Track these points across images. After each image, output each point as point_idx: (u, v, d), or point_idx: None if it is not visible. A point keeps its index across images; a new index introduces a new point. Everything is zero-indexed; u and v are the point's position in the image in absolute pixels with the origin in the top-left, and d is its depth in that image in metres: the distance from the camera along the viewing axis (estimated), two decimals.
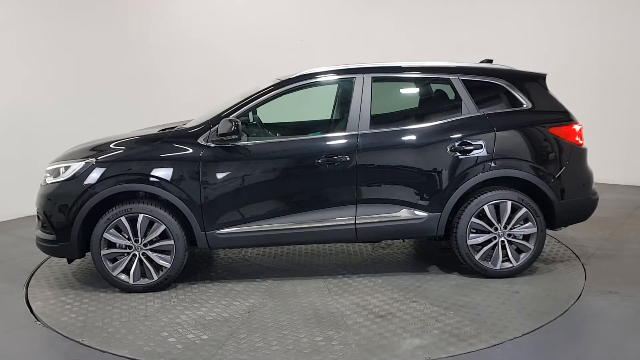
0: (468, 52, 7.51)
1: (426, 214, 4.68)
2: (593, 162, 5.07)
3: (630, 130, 8.34)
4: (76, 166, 4.58)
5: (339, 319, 4.10)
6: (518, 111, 4.80)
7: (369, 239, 4.88)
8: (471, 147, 4.64)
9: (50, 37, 7.34)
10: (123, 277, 4.61)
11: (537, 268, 4.96)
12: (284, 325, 4.02)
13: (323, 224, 4.64)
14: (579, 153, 4.81)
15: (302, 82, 4.77)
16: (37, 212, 4.77)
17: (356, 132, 4.64)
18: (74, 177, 4.56)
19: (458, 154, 4.65)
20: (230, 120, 4.46)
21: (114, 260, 4.61)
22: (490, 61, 5.24)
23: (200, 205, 4.56)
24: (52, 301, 4.55)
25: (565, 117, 4.83)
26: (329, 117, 5.67)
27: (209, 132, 4.61)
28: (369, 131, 4.65)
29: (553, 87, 4.99)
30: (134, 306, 4.41)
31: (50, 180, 4.68)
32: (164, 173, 4.55)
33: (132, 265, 4.60)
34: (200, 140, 4.60)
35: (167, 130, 4.85)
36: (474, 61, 5.20)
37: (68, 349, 3.78)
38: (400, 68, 4.89)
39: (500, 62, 5.22)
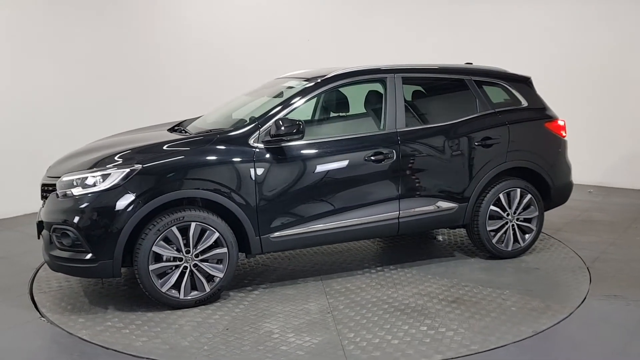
0: (469, 53, 7.88)
1: (456, 205, 5.05)
2: (598, 166, 5.60)
3: (635, 133, 8.19)
4: (118, 174, 4.10)
5: (419, 308, 4.28)
6: (519, 109, 5.37)
7: (408, 231, 5.09)
8: (492, 141, 5.11)
9: (55, 36, 7.32)
10: (173, 292, 4.25)
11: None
12: (377, 320, 4.08)
13: (371, 220, 4.75)
14: (565, 144, 5.54)
15: (338, 81, 4.83)
16: (62, 230, 4.15)
17: (395, 130, 4.83)
18: (117, 185, 4.08)
19: (482, 147, 5.08)
20: (292, 120, 4.36)
21: (160, 275, 4.23)
22: (470, 64, 5.76)
23: (255, 209, 4.39)
24: (99, 328, 4.02)
25: (552, 113, 5.52)
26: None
27: (258, 132, 4.44)
28: (406, 128, 4.87)
29: (559, 90, 5.59)
30: (200, 321, 4.11)
31: (79, 191, 4.12)
32: (220, 177, 4.30)
33: (178, 278, 4.26)
34: (251, 142, 4.42)
35: (210, 131, 4.57)
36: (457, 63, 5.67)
37: (71, 345, 3.77)
38: (425, 69, 5.20)
39: (481, 63, 5.77)
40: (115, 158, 4.24)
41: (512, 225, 5.27)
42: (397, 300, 4.42)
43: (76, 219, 4.07)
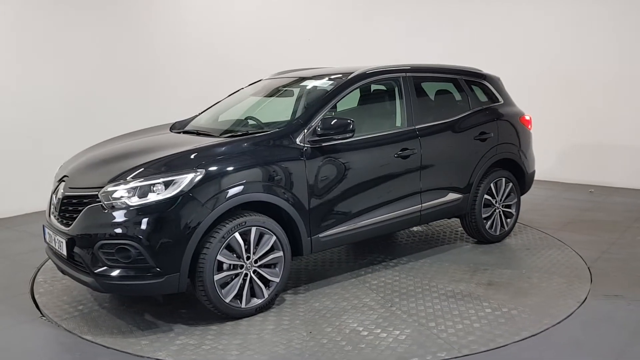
0: (470, 54, 8.35)
1: (461, 195, 5.41)
2: (600, 165, 5.60)
3: (637, 132, 8.18)
4: (184, 179, 3.82)
5: (467, 293, 4.54)
6: (499, 105, 5.88)
7: (426, 222, 5.34)
8: (486, 136, 5.55)
9: (57, 36, 7.31)
10: (236, 302, 4.06)
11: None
12: (441, 308, 4.26)
13: (401, 213, 4.94)
14: (531, 136, 6.18)
15: (362, 81, 4.92)
16: (118, 245, 3.73)
17: (413, 127, 5.05)
18: (182, 192, 3.79)
19: (480, 141, 5.50)
20: (343, 118, 4.37)
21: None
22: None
23: (308, 209, 4.34)
24: (174, 348, 3.72)
25: (521, 110, 6.12)
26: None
27: (304, 131, 4.39)
28: (422, 125, 5.11)
29: (561, 90, 5.96)
30: (274, 328, 3.98)
31: (136, 201, 3.76)
32: (277, 179, 4.19)
33: (236, 286, 4.08)
34: (298, 141, 4.35)
35: (248, 132, 4.43)
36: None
37: (72, 345, 3.78)
38: (430, 69, 5.47)
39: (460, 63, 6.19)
40: (168, 164, 3.92)
41: (499, 211, 5.77)
42: (441, 289, 4.65)
43: (138, 232, 3.71)
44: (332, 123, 4.35)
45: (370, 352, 3.62)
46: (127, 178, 3.84)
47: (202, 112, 5.49)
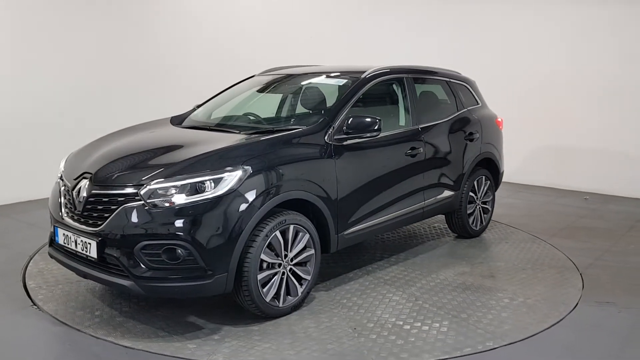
0: (474, 54, 8.43)
1: (453, 192, 5.67)
2: (595, 173, 5.88)
3: (632, 141, 8.19)
4: (233, 176, 3.72)
5: (477, 285, 4.78)
6: (479, 107, 6.20)
7: (426, 218, 5.50)
8: (473, 136, 5.84)
9: (60, 27, 7.31)
10: (274, 301, 4.02)
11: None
12: (463, 301, 4.45)
13: (410, 210, 5.11)
14: (502, 138, 6.57)
15: (376, 80, 5.00)
16: (164, 245, 3.56)
17: (417, 127, 5.22)
18: (231, 190, 3.69)
19: (469, 141, 5.78)
20: (372, 117, 4.43)
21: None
22: None
23: (337, 207, 4.38)
24: (227, 350, 3.61)
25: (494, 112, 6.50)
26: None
27: (330, 130, 4.40)
28: (424, 125, 5.29)
29: (558, 97, 6.30)
30: (316, 326, 3.98)
31: (183, 199, 3.61)
32: (313, 176, 4.19)
33: (275, 285, 4.04)
34: (326, 139, 4.37)
35: (274, 129, 4.41)
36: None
37: (63, 334, 3.83)
38: (426, 71, 5.65)
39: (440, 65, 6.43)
40: (214, 160, 3.79)
41: (480, 207, 6.10)
42: (452, 282, 4.85)
43: (189, 231, 3.57)
44: (360, 121, 4.40)
45: (423, 345, 3.73)
46: (172, 175, 3.68)
47: (199, 107, 5.33)
